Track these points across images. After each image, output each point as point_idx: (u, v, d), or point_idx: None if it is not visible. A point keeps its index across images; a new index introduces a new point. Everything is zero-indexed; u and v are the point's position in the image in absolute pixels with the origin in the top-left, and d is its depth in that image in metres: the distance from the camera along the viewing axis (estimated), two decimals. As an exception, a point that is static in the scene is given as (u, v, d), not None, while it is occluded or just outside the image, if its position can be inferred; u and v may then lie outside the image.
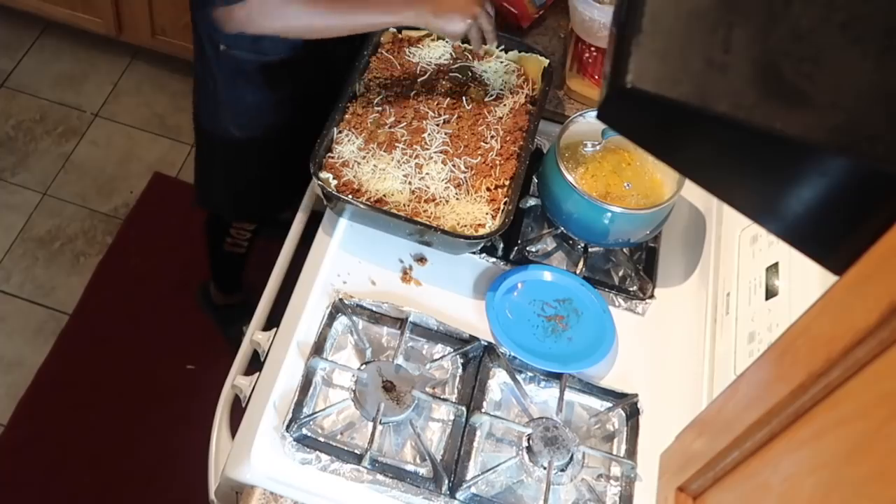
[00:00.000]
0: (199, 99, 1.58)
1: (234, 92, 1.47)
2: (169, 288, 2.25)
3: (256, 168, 1.64)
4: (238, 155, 1.60)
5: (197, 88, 1.57)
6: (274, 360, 1.20)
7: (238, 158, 1.62)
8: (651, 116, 0.53)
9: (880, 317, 0.42)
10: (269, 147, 1.58)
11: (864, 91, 0.49)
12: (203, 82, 1.52)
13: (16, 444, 2.02)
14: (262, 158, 1.61)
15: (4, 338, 2.18)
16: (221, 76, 1.46)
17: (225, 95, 1.49)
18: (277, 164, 1.63)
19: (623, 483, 1.15)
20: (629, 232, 1.29)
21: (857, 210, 0.50)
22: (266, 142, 1.56)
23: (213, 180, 1.74)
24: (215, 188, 1.76)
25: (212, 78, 1.47)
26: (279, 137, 1.56)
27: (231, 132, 1.54)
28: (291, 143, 1.50)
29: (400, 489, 1.10)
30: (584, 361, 1.23)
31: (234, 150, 1.59)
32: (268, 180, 1.69)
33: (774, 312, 1.13)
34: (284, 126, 1.54)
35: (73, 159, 2.52)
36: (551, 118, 1.48)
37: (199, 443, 1.36)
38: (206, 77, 1.49)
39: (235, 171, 1.67)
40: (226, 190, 1.74)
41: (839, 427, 0.47)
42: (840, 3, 0.51)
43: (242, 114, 1.51)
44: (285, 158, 1.57)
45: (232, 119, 1.53)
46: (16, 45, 2.72)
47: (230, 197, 1.77)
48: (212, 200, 1.82)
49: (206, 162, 1.72)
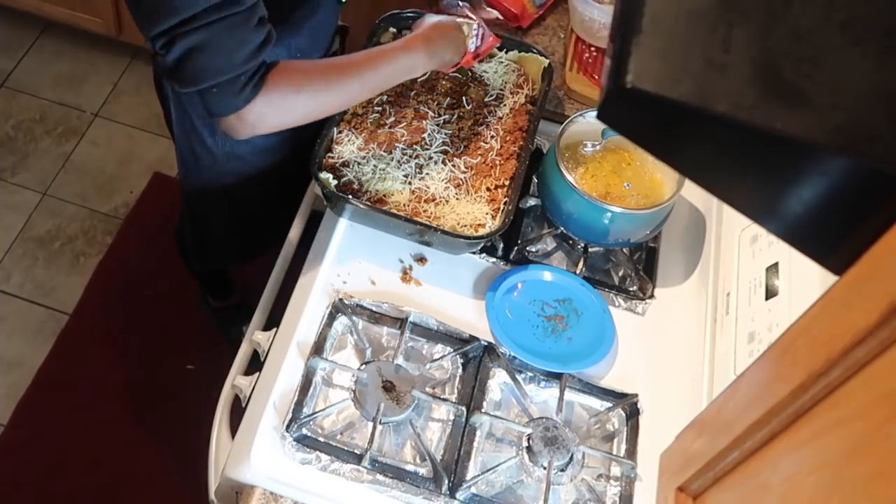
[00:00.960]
0: (186, 166, 1.48)
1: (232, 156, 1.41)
2: (169, 288, 2.25)
3: (257, 204, 1.56)
4: (237, 198, 1.52)
5: (184, 160, 1.47)
6: (274, 360, 1.20)
7: (237, 201, 1.53)
8: (651, 116, 0.53)
9: (880, 317, 0.42)
10: (271, 174, 1.49)
11: (864, 91, 0.49)
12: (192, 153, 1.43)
13: (16, 444, 2.02)
14: (263, 188, 1.51)
15: (4, 338, 2.18)
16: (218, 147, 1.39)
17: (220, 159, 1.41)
18: (277, 187, 1.55)
19: (623, 483, 1.15)
20: (629, 232, 1.29)
21: (857, 210, 0.50)
22: (263, 171, 1.47)
23: (214, 235, 1.67)
24: (217, 243, 1.70)
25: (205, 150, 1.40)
26: (280, 161, 1.47)
27: (226, 181, 1.47)
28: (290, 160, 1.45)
29: (400, 489, 1.10)
30: (584, 361, 1.23)
31: (232, 195, 1.51)
32: (269, 209, 1.61)
33: (774, 312, 1.13)
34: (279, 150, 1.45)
35: (73, 159, 2.52)
36: (551, 118, 1.48)
37: (199, 443, 1.36)
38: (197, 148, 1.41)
39: (236, 215, 1.58)
40: (231, 238, 1.67)
41: (839, 427, 0.47)
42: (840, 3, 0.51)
43: (239, 166, 1.44)
44: (284, 177, 1.51)
45: (229, 172, 1.45)
46: (16, 45, 2.72)
47: (234, 245, 1.70)
48: (213, 257, 1.77)
49: (201, 220, 1.64)
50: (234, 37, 1.00)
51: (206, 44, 0.99)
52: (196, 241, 1.73)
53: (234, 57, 1.01)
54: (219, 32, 0.99)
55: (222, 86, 1.03)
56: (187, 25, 0.97)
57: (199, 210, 1.61)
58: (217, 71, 1.01)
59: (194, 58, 1.00)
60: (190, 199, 1.59)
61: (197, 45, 0.99)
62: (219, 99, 1.04)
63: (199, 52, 0.99)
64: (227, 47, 1.00)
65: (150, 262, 2.31)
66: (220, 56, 1.00)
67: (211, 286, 2.10)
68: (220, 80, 1.02)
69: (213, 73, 1.01)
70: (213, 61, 1.00)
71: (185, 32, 0.98)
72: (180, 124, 1.40)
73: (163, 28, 0.98)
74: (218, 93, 1.03)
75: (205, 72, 1.01)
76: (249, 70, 1.03)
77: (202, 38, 0.98)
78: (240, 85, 1.03)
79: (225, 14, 0.98)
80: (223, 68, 1.01)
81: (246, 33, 1.01)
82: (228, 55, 1.00)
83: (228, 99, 1.04)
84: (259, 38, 1.03)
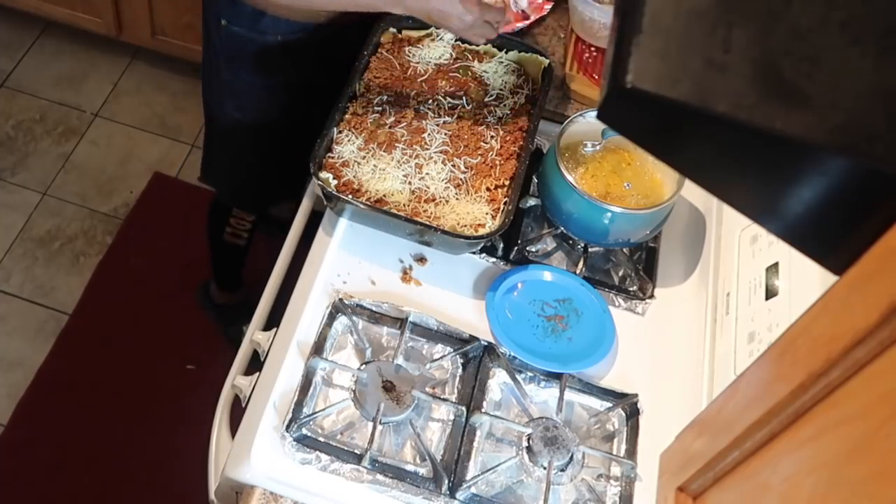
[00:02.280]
0: (204, 76, 1.60)
1: (234, 71, 1.49)
2: (169, 288, 2.25)
3: (251, 154, 1.67)
4: (236, 136, 1.63)
5: (204, 67, 1.59)
6: (274, 360, 1.20)
7: (236, 140, 1.65)
8: (651, 116, 0.53)
9: (880, 317, 0.42)
10: (265, 133, 1.60)
11: (864, 91, 0.49)
12: (208, 60, 1.54)
13: (16, 444, 2.02)
14: (258, 144, 1.63)
15: (4, 338, 2.18)
16: (223, 54, 1.48)
17: (225, 75, 1.51)
18: (274, 154, 1.66)
19: (623, 483, 1.15)
20: (629, 232, 1.29)
21: (857, 210, 0.50)
22: (262, 127, 1.58)
23: (215, 158, 1.77)
24: (216, 166, 1.80)
25: (215, 56, 1.50)
26: (275, 125, 1.58)
27: (231, 112, 1.57)
28: (289, 135, 1.53)
29: (400, 489, 1.10)
30: (584, 361, 1.23)
31: (233, 130, 1.62)
32: (264, 170, 1.71)
33: (774, 312, 1.13)
34: (280, 114, 1.56)
35: (73, 159, 2.52)
36: (551, 118, 1.48)
37: (199, 443, 1.36)
38: (211, 55, 1.51)
39: (233, 153, 1.70)
40: (225, 171, 1.78)
41: (839, 427, 0.47)
42: (840, 3, 0.51)
43: (240, 94, 1.54)
44: (283, 150, 1.59)
45: (231, 98, 1.55)
46: (16, 45, 2.72)
47: (228, 180, 1.80)
48: (213, 177, 1.85)
49: (210, 138, 1.76)
50: None
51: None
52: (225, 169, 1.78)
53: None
54: None
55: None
56: None
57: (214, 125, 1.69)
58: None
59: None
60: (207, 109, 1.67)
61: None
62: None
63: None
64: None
65: (150, 262, 2.31)
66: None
67: (225, 268, 2.09)
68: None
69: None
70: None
71: None
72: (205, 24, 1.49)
73: None
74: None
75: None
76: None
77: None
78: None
79: None
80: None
81: None
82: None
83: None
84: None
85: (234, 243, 1.94)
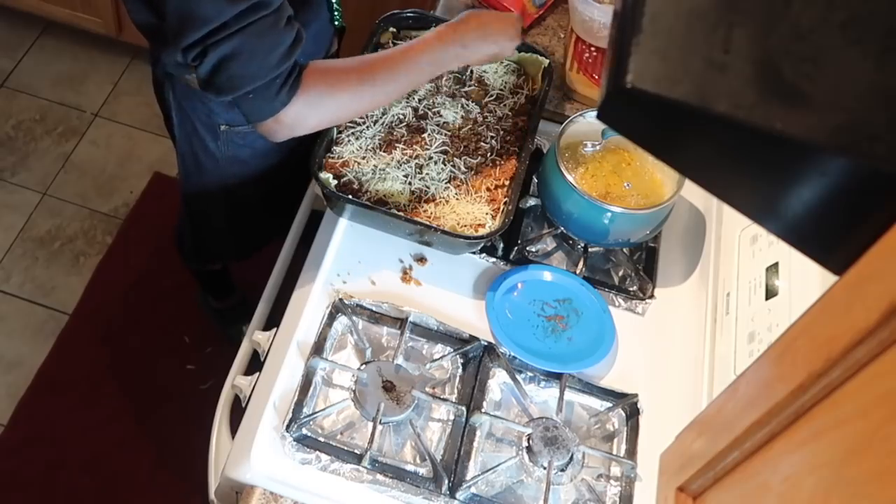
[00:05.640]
0: (187, 169, 1.48)
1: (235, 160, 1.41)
2: (169, 288, 2.25)
3: (256, 204, 1.57)
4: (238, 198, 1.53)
5: (185, 164, 1.47)
6: (274, 360, 1.20)
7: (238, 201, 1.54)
8: (651, 116, 0.53)
9: (880, 317, 0.42)
10: (271, 176, 1.50)
11: (864, 91, 0.48)
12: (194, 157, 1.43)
13: (16, 444, 2.02)
14: (263, 189, 1.52)
15: (4, 338, 2.18)
16: (223, 157, 1.40)
17: (222, 163, 1.42)
18: (277, 188, 1.56)
19: (623, 483, 1.15)
20: (629, 232, 1.29)
21: (857, 210, 0.50)
22: (265, 172, 1.48)
23: (214, 233, 1.68)
24: (217, 240, 1.71)
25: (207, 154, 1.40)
26: (280, 163, 1.48)
27: (227, 183, 1.48)
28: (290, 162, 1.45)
29: (400, 489, 1.10)
30: (584, 361, 1.23)
31: (233, 196, 1.51)
32: (268, 209, 1.62)
33: (774, 312, 1.13)
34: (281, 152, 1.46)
35: (73, 159, 2.52)
36: (551, 118, 1.48)
37: (199, 443, 1.36)
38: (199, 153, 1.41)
39: (237, 213, 1.59)
40: (230, 236, 1.68)
41: (839, 427, 0.47)
42: (840, 3, 0.51)
43: (241, 169, 1.45)
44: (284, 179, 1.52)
45: (230, 175, 1.46)
46: (16, 45, 2.72)
47: (233, 242, 1.72)
48: (213, 254, 1.78)
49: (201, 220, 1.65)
50: (265, 41, 0.99)
51: (239, 51, 0.98)
52: (194, 240, 1.74)
53: (268, 61, 1.00)
54: (250, 38, 0.98)
55: (258, 91, 1.02)
56: (218, 34, 0.97)
57: (198, 211, 1.61)
58: (252, 77, 1.00)
59: (229, 66, 0.99)
60: (190, 200, 1.59)
61: (229, 54, 0.98)
62: (256, 104, 1.03)
63: (233, 60, 0.99)
64: (260, 52, 0.99)
65: (150, 262, 2.31)
66: (254, 62, 0.99)
67: (211, 286, 2.10)
68: (256, 85, 1.01)
69: (248, 79, 1.00)
70: (248, 67, 1.00)
71: (217, 42, 0.97)
72: (182, 128, 1.39)
73: (193, 39, 0.97)
74: (255, 98, 1.02)
75: (240, 79, 1.00)
76: (284, 72, 1.02)
77: (234, 46, 0.98)
78: (276, 88, 1.02)
79: (253, 19, 0.97)
80: (258, 73, 1.00)
81: (276, 35, 1.00)
82: (262, 60, 0.99)
83: (266, 103, 1.03)
84: (289, 38, 1.02)
85: (212, 269, 1.93)
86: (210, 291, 2.13)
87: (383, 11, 1.44)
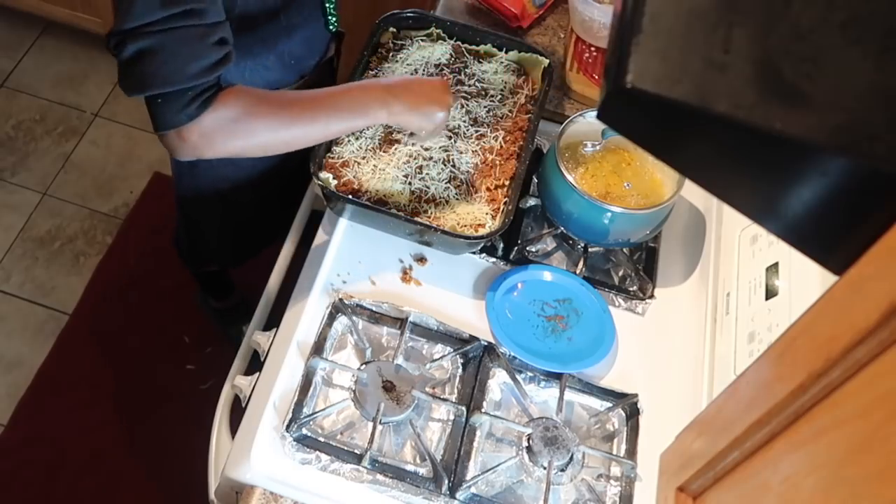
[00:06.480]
0: (180, 170, 1.47)
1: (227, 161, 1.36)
2: (169, 288, 2.25)
3: (251, 208, 1.56)
4: (230, 203, 1.52)
5: (178, 165, 1.47)
6: (274, 360, 1.20)
7: (230, 205, 1.53)
8: (651, 116, 0.53)
9: (880, 317, 0.42)
10: (266, 179, 1.49)
11: (865, 91, 0.48)
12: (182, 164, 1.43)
13: (16, 444, 2.02)
14: (258, 193, 1.52)
15: (4, 338, 2.18)
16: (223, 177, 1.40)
17: (214, 163, 1.40)
18: (272, 191, 1.55)
19: (623, 483, 1.15)
20: (629, 232, 1.29)
21: (857, 210, 0.50)
22: (257, 177, 1.48)
23: (207, 237, 1.68)
24: (211, 244, 1.71)
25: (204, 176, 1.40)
26: (275, 166, 1.47)
27: (220, 186, 1.47)
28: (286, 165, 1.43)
29: (400, 489, 1.10)
30: (584, 361, 1.23)
31: (226, 200, 1.51)
32: (264, 212, 1.61)
33: (774, 312, 1.13)
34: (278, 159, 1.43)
35: (73, 159, 2.52)
36: (551, 118, 1.49)
37: (199, 443, 1.36)
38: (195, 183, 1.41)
39: (232, 218, 1.58)
40: (223, 241, 1.68)
41: (839, 427, 0.47)
42: (840, 3, 0.51)
43: (234, 171, 1.44)
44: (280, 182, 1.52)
45: (224, 177, 1.45)
46: (16, 45, 2.72)
47: (226, 247, 1.72)
48: (209, 259, 1.78)
49: (195, 223, 1.64)
50: (187, 48, 0.97)
51: (158, 49, 0.96)
52: (190, 243, 1.74)
53: (186, 69, 0.97)
54: (173, 41, 0.96)
55: (167, 98, 0.99)
56: (142, 30, 0.95)
57: (193, 214, 1.61)
58: (164, 79, 0.97)
59: (144, 61, 0.97)
60: (184, 202, 1.58)
61: (148, 49, 0.96)
62: (162, 111, 1.00)
63: (149, 57, 0.96)
64: (180, 57, 0.97)
65: (150, 262, 2.31)
66: (170, 65, 0.97)
67: (210, 287, 2.10)
68: (167, 90, 0.98)
69: (160, 80, 0.97)
70: (162, 69, 0.97)
71: (139, 36, 0.95)
72: None
73: (119, 29, 0.96)
74: (163, 104, 0.99)
75: (152, 77, 0.97)
76: (199, 86, 0.99)
77: (154, 43, 0.96)
78: (186, 100, 0.99)
79: (182, 24, 0.95)
80: (171, 78, 0.97)
81: (201, 48, 0.98)
82: (179, 66, 0.97)
83: (172, 113, 1.00)
84: (215, 56, 0.99)
85: (209, 270, 1.93)
86: (210, 291, 2.13)
87: (383, 11, 1.44)
